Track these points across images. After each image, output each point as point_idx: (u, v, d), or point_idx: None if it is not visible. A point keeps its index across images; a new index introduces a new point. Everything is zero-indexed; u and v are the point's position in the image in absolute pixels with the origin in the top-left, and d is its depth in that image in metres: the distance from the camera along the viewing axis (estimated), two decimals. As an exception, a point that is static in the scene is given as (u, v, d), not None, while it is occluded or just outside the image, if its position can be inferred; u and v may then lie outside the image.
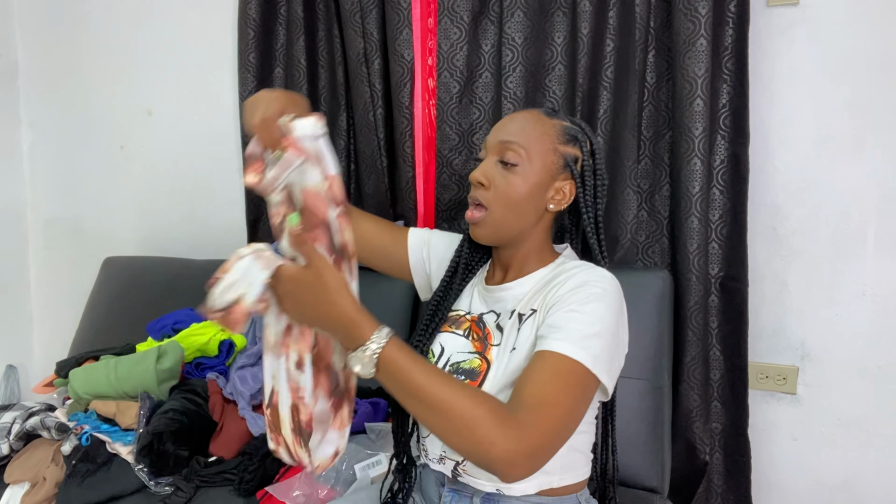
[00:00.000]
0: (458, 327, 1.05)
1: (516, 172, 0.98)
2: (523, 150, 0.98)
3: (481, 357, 0.98)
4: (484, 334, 1.00)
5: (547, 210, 1.01)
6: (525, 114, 1.03)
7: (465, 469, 0.97)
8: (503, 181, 0.98)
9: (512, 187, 0.98)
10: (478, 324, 1.03)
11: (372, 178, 1.84)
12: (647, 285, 1.42)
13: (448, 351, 1.02)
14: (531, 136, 0.99)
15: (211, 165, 2.16)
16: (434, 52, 1.70)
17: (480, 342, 1.00)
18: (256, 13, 1.91)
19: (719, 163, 1.48)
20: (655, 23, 1.52)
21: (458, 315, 1.07)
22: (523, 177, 0.98)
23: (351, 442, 1.35)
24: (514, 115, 1.04)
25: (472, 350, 1.00)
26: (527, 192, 0.98)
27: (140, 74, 2.24)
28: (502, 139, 0.99)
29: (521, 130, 0.99)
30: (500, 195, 0.98)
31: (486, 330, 1.01)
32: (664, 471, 1.39)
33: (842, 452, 1.51)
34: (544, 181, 0.99)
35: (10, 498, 1.41)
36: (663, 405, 1.40)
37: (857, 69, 1.43)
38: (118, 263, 2.13)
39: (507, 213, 0.99)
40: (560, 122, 1.01)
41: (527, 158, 0.98)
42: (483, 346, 0.99)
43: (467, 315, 1.06)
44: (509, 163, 0.98)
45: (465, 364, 0.98)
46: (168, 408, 1.44)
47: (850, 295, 1.47)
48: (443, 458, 1.00)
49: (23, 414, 1.53)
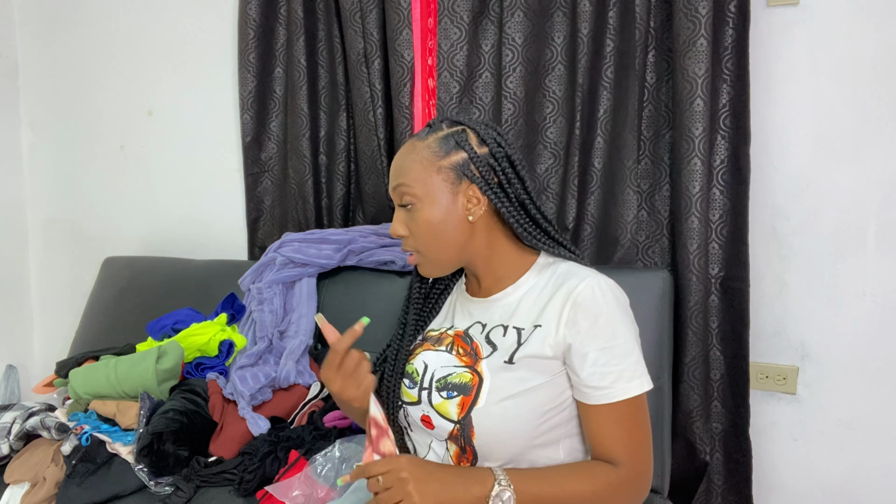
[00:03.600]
0: (439, 344, 1.03)
1: (418, 210, 0.98)
2: (410, 186, 0.98)
3: (472, 371, 0.96)
4: (472, 348, 0.99)
5: (470, 222, 0.98)
6: (403, 149, 1.03)
7: None
8: (414, 224, 0.99)
9: (423, 225, 0.98)
10: (463, 338, 1.01)
11: (372, 178, 1.84)
12: (647, 285, 1.42)
13: (432, 367, 1.01)
14: (411, 169, 0.99)
15: (211, 165, 2.16)
16: (434, 52, 1.70)
17: (469, 356, 0.98)
18: (256, 13, 1.91)
19: (719, 163, 1.48)
20: (655, 23, 1.52)
21: (437, 333, 1.06)
22: (426, 210, 0.98)
23: (351, 442, 1.36)
24: (397, 154, 1.04)
25: (458, 364, 0.98)
26: (439, 220, 0.97)
27: (140, 74, 2.24)
28: (393, 185, 1.01)
29: (402, 169, 1.00)
30: (420, 237, 0.99)
31: (473, 344, 1.00)
32: (664, 471, 1.39)
33: (842, 452, 1.51)
34: (447, 201, 0.97)
35: (10, 498, 1.41)
36: (663, 405, 1.40)
37: (857, 69, 1.43)
38: (118, 263, 2.13)
39: (436, 246, 0.99)
40: (433, 137, 0.99)
41: (418, 193, 0.97)
42: (473, 360, 0.98)
43: (448, 330, 1.05)
44: (408, 205, 0.99)
45: (453, 378, 0.97)
46: (168, 408, 1.44)
47: (850, 295, 1.47)
48: None
49: (23, 414, 1.53)
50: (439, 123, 1.02)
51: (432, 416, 0.97)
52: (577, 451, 0.99)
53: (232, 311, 1.75)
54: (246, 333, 1.73)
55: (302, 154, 1.90)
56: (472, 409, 0.93)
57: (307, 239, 1.76)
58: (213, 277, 1.93)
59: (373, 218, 1.89)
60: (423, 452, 1.01)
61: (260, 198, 2.04)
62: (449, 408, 0.95)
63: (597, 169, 1.58)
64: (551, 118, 1.63)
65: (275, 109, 1.99)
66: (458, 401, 0.95)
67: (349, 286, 1.74)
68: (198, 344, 1.64)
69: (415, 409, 1.00)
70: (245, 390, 1.50)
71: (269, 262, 1.76)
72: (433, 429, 0.98)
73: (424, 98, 1.71)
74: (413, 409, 1.01)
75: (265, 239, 2.05)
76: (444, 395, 0.96)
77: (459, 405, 0.94)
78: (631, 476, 0.91)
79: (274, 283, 1.72)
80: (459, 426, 0.94)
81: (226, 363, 1.65)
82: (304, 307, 1.72)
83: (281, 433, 1.43)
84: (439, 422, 0.96)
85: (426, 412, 0.99)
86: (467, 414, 0.94)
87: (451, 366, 0.99)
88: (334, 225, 1.93)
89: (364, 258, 1.71)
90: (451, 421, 0.95)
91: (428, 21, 1.69)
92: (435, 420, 0.97)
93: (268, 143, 2.01)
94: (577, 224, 1.62)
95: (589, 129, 1.58)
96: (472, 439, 0.94)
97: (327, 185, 1.93)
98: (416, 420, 1.00)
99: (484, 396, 0.93)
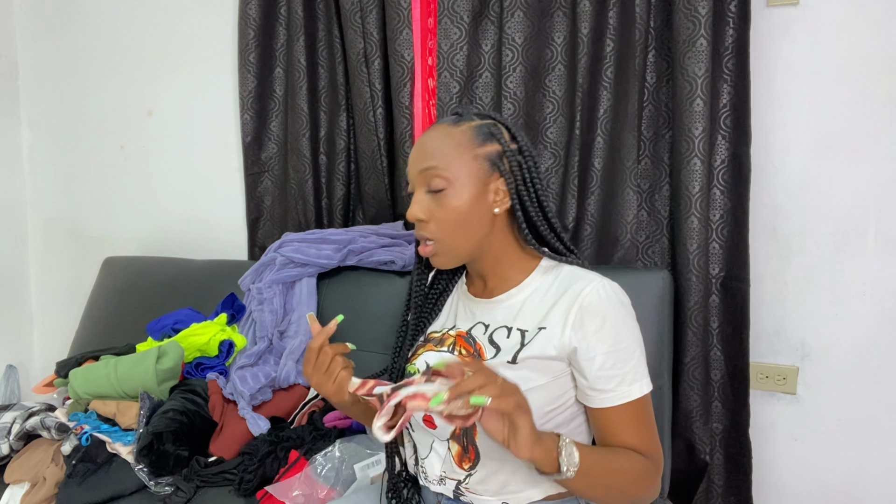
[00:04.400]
0: (441, 345, 1.03)
1: (447, 196, 0.95)
2: (443, 170, 0.95)
3: None
4: (475, 349, 0.99)
5: (494, 214, 0.98)
6: (433, 132, 0.99)
7: (468, 488, 0.97)
8: (439, 209, 0.96)
9: (449, 212, 0.95)
10: (466, 339, 1.01)
11: (372, 178, 1.84)
12: (647, 285, 1.42)
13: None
14: (445, 153, 0.96)
15: (211, 165, 2.17)
16: (434, 52, 1.70)
17: (472, 357, 0.98)
18: (256, 13, 1.91)
19: (719, 163, 1.48)
20: (655, 23, 1.52)
21: (439, 334, 1.05)
22: (456, 197, 0.95)
23: (351, 442, 1.36)
24: (424, 137, 1.00)
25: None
26: (466, 209, 0.96)
27: (140, 74, 2.24)
28: (421, 168, 0.97)
29: (434, 152, 0.97)
30: (444, 223, 0.96)
31: (476, 345, 0.99)
32: (664, 471, 1.39)
33: (842, 452, 1.51)
34: (478, 190, 0.96)
35: (10, 498, 1.41)
36: (663, 405, 1.40)
37: (857, 69, 1.43)
38: (118, 263, 2.13)
39: (456, 235, 0.97)
40: (469, 125, 0.98)
41: (450, 178, 0.95)
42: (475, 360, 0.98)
43: (450, 331, 1.04)
44: (437, 189, 0.96)
45: None
46: (168, 408, 1.44)
47: (850, 295, 1.47)
48: (443, 478, 0.99)
49: (23, 414, 1.53)
50: (469, 114, 1.01)
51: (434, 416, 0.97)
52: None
53: (232, 311, 1.75)
54: (246, 333, 1.73)
55: (302, 154, 1.90)
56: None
57: (307, 239, 1.76)
58: (213, 277, 1.93)
59: (373, 218, 1.89)
60: (425, 452, 1.01)
61: (260, 198, 2.04)
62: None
63: (597, 169, 1.58)
64: (551, 118, 1.63)
65: (275, 109, 1.99)
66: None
67: (349, 286, 1.74)
68: (198, 344, 1.65)
69: None
70: (245, 390, 1.50)
71: (269, 262, 1.76)
72: (435, 428, 0.98)
73: (424, 98, 1.71)
74: None
75: (265, 239, 2.05)
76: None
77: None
78: (654, 466, 0.94)
79: (274, 283, 1.73)
80: None
81: (226, 363, 1.65)
82: (304, 307, 1.72)
83: (281, 433, 1.43)
84: (441, 421, 0.96)
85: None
86: None
87: None
88: (334, 225, 1.93)
89: (364, 258, 1.71)
90: None
91: (428, 21, 1.69)
92: (437, 420, 0.97)
93: (268, 143, 2.01)
94: (577, 224, 1.61)
95: (589, 129, 1.58)
96: (475, 438, 0.94)
97: (327, 185, 1.93)
98: (417, 420, 1.00)
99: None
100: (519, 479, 0.95)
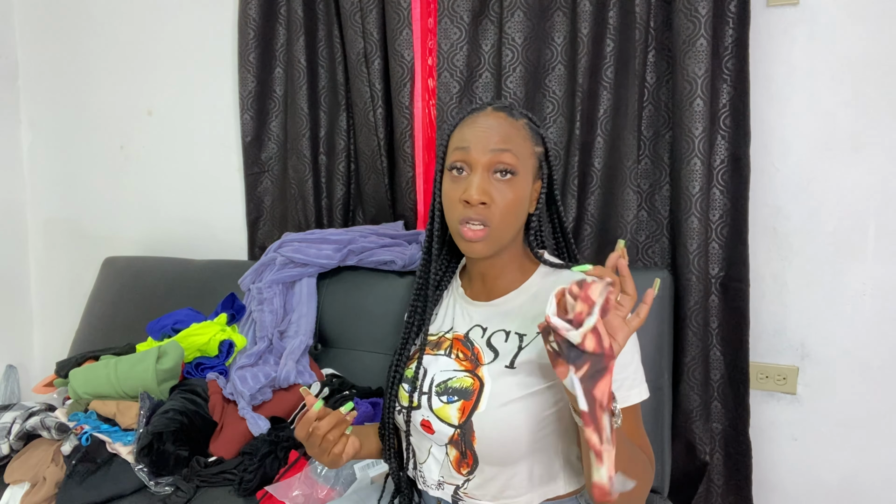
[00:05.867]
0: (438, 348, 1.03)
1: (513, 182, 0.94)
2: (517, 157, 0.94)
3: (472, 375, 0.96)
4: (473, 353, 0.98)
5: (527, 214, 0.99)
6: (495, 119, 0.96)
7: (467, 492, 0.97)
8: (500, 194, 0.93)
9: (509, 198, 0.94)
10: (464, 342, 1.00)
11: (372, 178, 1.84)
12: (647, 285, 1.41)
13: (431, 371, 1.00)
14: (517, 141, 0.95)
15: (211, 165, 2.17)
16: (434, 52, 1.70)
17: (470, 361, 0.98)
18: (256, 13, 1.91)
19: (719, 163, 1.48)
20: (655, 23, 1.52)
21: (435, 337, 1.05)
22: (518, 186, 0.95)
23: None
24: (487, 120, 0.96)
25: (458, 368, 0.98)
26: (520, 200, 0.96)
27: (140, 74, 2.24)
28: (496, 148, 0.93)
29: (509, 137, 0.94)
30: (503, 210, 0.94)
31: (474, 348, 0.99)
32: (664, 471, 1.39)
33: (842, 452, 1.51)
34: (529, 186, 0.97)
35: (10, 498, 1.41)
36: (663, 405, 1.40)
37: (857, 69, 1.43)
38: (118, 263, 2.13)
39: (508, 224, 0.96)
40: (524, 122, 0.98)
41: (519, 167, 0.94)
42: (473, 364, 0.97)
43: (447, 334, 1.04)
44: (509, 172, 0.93)
45: (453, 382, 0.96)
46: (168, 408, 1.44)
47: (850, 295, 1.47)
48: (441, 483, 0.99)
49: (23, 414, 1.53)
50: (517, 110, 0.99)
51: (432, 421, 0.97)
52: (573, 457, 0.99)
53: (232, 311, 1.75)
54: (246, 333, 1.73)
55: (302, 154, 1.90)
56: (474, 414, 0.93)
57: (307, 239, 1.76)
58: (213, 277, 1.93)
59: (373, 218, 1.89)
60: (423, 457, 1.01)
61: (260, 198, 2.04)
62: (449, 412, 0.95)
63: (597, 169, 1.58)
64: (551, 118, 1.63)
65: (275, 109, 1.99)
66: (458, 405, 0.94)
67: (349, 286, 1.74)
68: (198, 344, 1.64)
69: (414, 414, 1.00)
70: (245, 390, 1.50)
71: (269, 262, 1.77)
72: (433, 433, 0.97)
73: (424, 98, 1.71)
74: (413, 413, 1.00)
75: (265, 239, 2.05)
76: (445, 399, 0.96)
77: (460, 410, 0.94)
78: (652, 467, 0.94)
79: (274, 283, 1.73)
80: (460, 431, 0.94)
81: (226, 363, 1.65)
82: (304, 307, 1.72)
83: (281, 433, 1.43)
84: (439, 426, 0.96)
85: (426, 417, 0.98)
86: (468, 418, 0.93)
87: (450, 370, 0.98)
88: (334, 225, 1.93)
89: (364, 258, 1.71)
90: (451, 425, 0.95)
91: (428, 21, 1.69)
92: (435, 425, 0.96)
93: (268, 143, 2.01)
94: (577, 224, 1.62)
95: (589, 129, 1.58)
96: (473, 444, 0.94)
97: (327, 185, 1.93)
98: (415, 424, 1.00)
99: (485, 401, 0.93)
100: (517, 483, 0.95)
